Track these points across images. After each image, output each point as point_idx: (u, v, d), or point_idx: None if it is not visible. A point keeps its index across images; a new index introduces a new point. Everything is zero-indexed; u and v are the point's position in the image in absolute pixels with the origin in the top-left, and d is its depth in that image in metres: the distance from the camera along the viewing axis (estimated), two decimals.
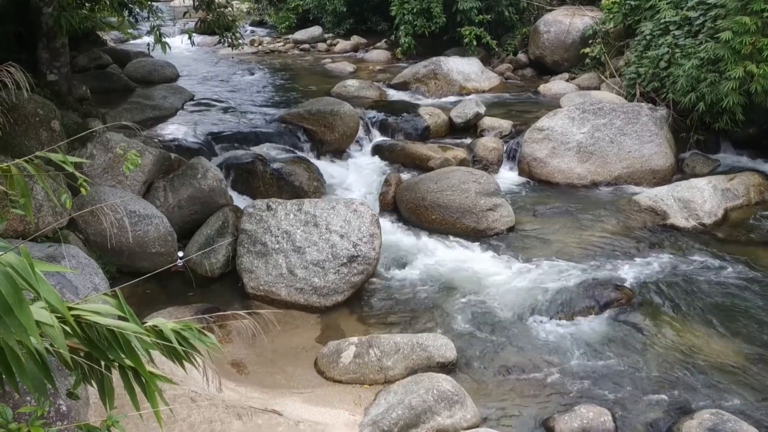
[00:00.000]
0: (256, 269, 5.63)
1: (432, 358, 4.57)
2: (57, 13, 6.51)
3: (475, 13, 13.63)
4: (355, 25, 17.41)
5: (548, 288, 5.64)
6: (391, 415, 3.88)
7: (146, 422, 3.37)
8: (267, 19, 21.14)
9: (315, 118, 8.60)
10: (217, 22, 7.83)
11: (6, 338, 1.34)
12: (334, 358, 4.62)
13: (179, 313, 4.99)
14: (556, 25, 12.52)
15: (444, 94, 11.43)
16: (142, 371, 1.65)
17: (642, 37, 9.76)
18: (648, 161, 8.08)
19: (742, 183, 7.49)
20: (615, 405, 4.25)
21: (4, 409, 1.84)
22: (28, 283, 1.36)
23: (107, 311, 1.59)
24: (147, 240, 5.62)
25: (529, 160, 8.27)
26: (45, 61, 7.68)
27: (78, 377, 1.73)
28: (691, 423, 3.92)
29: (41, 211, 5.17)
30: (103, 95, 9.81)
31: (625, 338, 4.99)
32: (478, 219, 6.68)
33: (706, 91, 7.74)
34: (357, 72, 13.55)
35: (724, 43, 7.43)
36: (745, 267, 6.00)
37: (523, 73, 13.11)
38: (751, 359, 4.72)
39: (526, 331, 5.12)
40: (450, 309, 5.42)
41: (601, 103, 8.74)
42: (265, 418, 3.76)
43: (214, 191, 6.33)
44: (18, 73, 2.05)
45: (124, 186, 6.06)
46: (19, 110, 5.63)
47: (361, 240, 5.61)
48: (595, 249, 6.36)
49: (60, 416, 2.89)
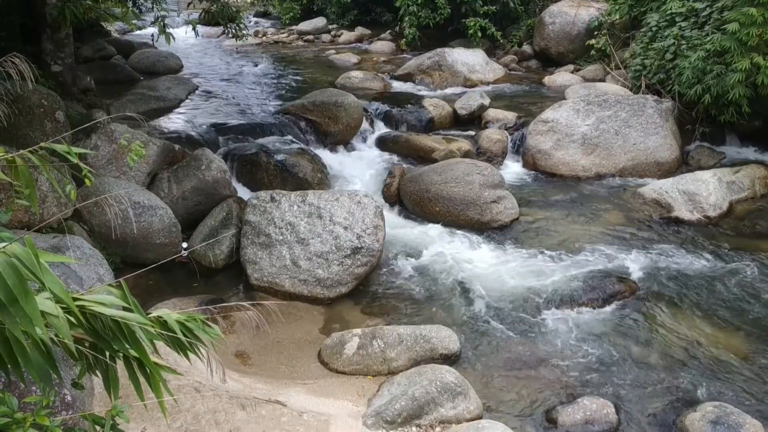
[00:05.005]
0: (260, 260, 5.64)
1: (435, 350, 4.58)
2: (61, 4, 6.52)
3: (480, 5, 13.58)
4: (360, 17, 17.36)
5: (552, 280, 5.64)
6: (395, 406, 3.90)
7: (151, 412, 3.40)
8: (271, 10, 21.12)
9: (319, 110, 8.58)
10: (221, 13, 7.80)
11: (11, 329, 1.35)
12: (337, 349, 4.64)
13: (183, 304, 5.01)
14: (562, 16, 12.46)
15: (448, 86, 11.39)
16: (147, 362, 1.65)
17: (648, 28, 9.71)
18: (653, 153, 8.06)
19: (747, 176, 7.46)
20: (618, 397, 4.26)
21: (9, 398, 1.85)
22: (33, 273, 1.36)
23: (112, 302, 1.60)
24: (151, 231, 5.63)
25: (534, 152, 8.24)
26: (49, 52, 7.68)
27: (83, 368, 1.74)
28: (695, 415, 3.93)
29: (46, 202, 5.19)
30: (107, 86, 9.83)
31: (628, 331, 4.99)
32: (482, 211, 6.68)
33: (712, 83, 7.70)
34: (361, 63, 13.52)
35: (730, 35, 7.38)
36: (750, 260, 5.98)
37: (528, 65, 13.05)
38: (755, 352, 4.72)
39: (529, 322, 5.12)
40: (453, 301, 5.43)
41: (606, 95, 8.70)
42: (269, 408, 3.77)
43: (218, 182, 6.33)
44: (22, 64, 2.05)
45: (128, 177, 6.06)
46: (24, 101, 5.63)
47: (364, 232, 5.62)
48: (599, 241, 6.35)
49: (65, 406, 2.91)
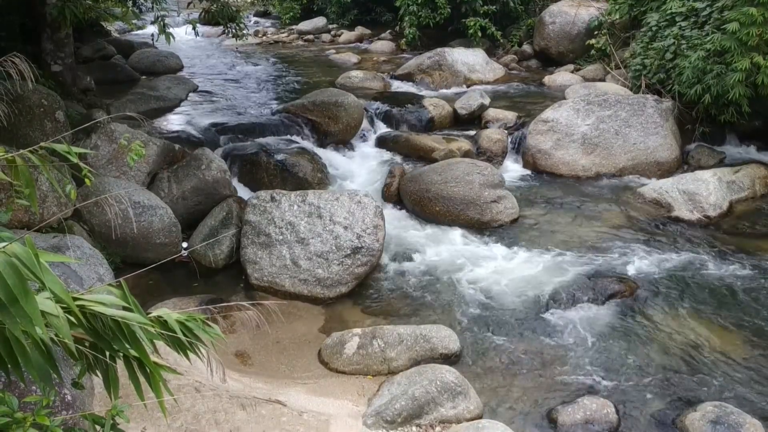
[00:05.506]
0: (260, 260, 5.64)
1: (435, 350, 4.58)
2: (61, 3, 6.51)
3: (480, 4, 13.57)
4: (360, 16, 17.35)
5: (552, 280, 5.64)
6: (395, 406, 3.90)
7: (151, 412, 3.40)
8: (271, 10, 21.11)
9: (319, 110, 8.58)
10: (221, 13, 7.80)
11: (11, 328, 1.35)
12: (337, 349, 4.64)
13: (183, 303, 5.01)
14: (562, 16, 12.45)
15: (448, 86, 11.39)
16: (147, 362, 1.65)
17: (648, 28, 9.70)
18: (653, 153, 8.06)
19: (747, 175, 7.46)
20: (618, 397, 4.26)
21: (10, 398, 1.85)
22: (33, 273, 1.36)
23: (112, 302, 1.60)
24: (151, 231, 5.63)
25: (534, 152, 8.24)
26: (49, 52, 7.68)
27: (83, 367, 1.74)
28: (695, 415, 3.93)
29: (46, 202, 5.19)
30: (107, 86, 9.83)
31: (628, 330, 4.99)
32: (482, 211, 6.68)
33: (712, 83, 7.69)
34: (361, 63, 13.51)
35: (730, 35, 7.37)
36: (750, 260, 5.98)
37: (528, 65, 13.04)
38: (755, 352, 4.72)
39: (529, 322, 5.13)
40: (453, 300, 5.43)
41: (606, 94, 8.70)
42: (269, 408, 3.78)
43: (218, 182, 6.33)
44: (22, 64, 2.05)
45: (128, 177, 6.07)
46: (24, 101, 5.63)
47: (365, 231, 5.62)
48: (599, 241, 6.35)
49: (65, 406, 2.91)
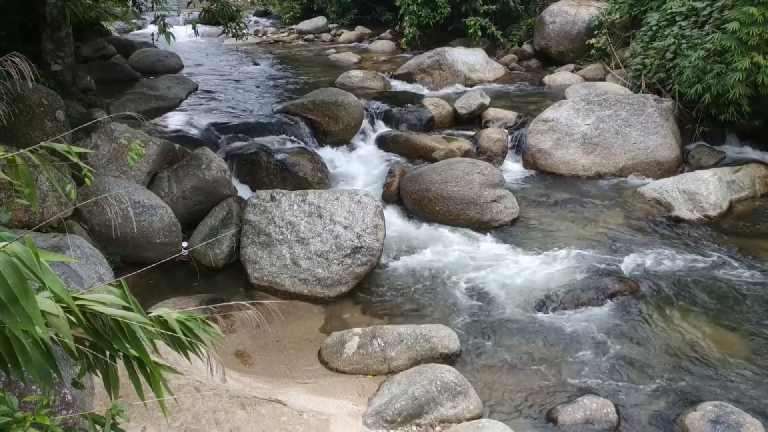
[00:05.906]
0: (260, 260, 5.64)
1: (435, 349, 4.58)
2: (61, 3, 6.51)
3: (480, 4, 13.57)
4: (360, 16, 17.35)
5: (552, 279, 5.64)
6: (395, 405, 3.90)
7: (151, 411, 3.40)
8: (271, 10, 21.10)
9: (319, 109, 8.57)
10: (221, 12, 7.79)
11: (12, 328, 1.35)
12: (337, 348, 4.64)
13: (183, 303, 5.01)
14: (562, 15, 12.45)
15: (448, 85, 11.39)
16: (147, 361, 1.65)
17: (648, 27, 9.70)
18: (653, 153, 8.05)
19: (747, 175, 7.46)
20: (618, 396, 4.25)
21: (10, 398, 1.85)
22: (33, 273, 1.36)
23: (112, 301, 1.60)
24: (151, 230, 5.63)
25: (534, 152, 8.24)
26: (49, 52, 7.67)
27: (83, 367, 1.74)
28: (695, 415, 3.93)
29: (46, 202, 5.19)
30: (107, 85, 9.82)
31: (628, 330, 4.99)
32: (482, 210, 6.68)
33: (712, 82, 7.69)
34: (361, 63, 13.52)
35: (730, 34, 7.37)
36: (750, 259, 5.98)
37: (528, 64, 13.05)
38: (755, 351, 4.72)
39: (529, 322, 5.12)
40: (453, 300, 5.43)
41: (607, 94, 8.70)
42: (269, 407, 3.78)
43: (219, 182, 6.33)
44: (22, 64, 2.05)
45: (128, 176, 6.06)
46: (24, 100, 5.63)
47: (365, 231, 5.62)
48: (599, 241, 6.35)
49: (65, 405, 2.91)
